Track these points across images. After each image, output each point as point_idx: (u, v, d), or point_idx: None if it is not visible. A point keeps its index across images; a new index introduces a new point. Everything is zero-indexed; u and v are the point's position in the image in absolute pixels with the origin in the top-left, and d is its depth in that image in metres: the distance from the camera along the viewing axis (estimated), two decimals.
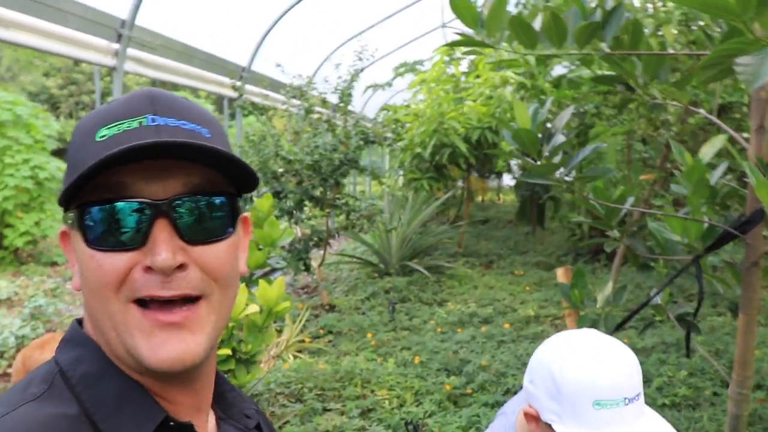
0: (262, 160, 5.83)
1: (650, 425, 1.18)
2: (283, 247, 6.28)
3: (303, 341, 5.40)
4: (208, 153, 0.70)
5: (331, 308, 6.44)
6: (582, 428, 1.15)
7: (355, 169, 6.54)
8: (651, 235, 2.49)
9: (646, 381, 3.95)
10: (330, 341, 5.52)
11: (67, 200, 0.72)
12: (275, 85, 7.41)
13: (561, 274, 3.05)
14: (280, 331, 5.45)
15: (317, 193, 6.14)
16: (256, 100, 7.00)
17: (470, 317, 5.79)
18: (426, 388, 4.14)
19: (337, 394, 4.13)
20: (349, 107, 6.72)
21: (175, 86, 6.64)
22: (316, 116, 6.53)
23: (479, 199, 9.97)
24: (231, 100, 6.97)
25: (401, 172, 8.86)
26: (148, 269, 0.69)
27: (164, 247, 0.68)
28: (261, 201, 3.76)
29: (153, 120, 0.72)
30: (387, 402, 3.96)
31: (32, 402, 0.70)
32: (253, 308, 3.33)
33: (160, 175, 0.70)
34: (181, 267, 0.69)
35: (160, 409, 0.74)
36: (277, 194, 5.86)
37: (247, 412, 0.90)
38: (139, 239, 0.69)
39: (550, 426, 1.19)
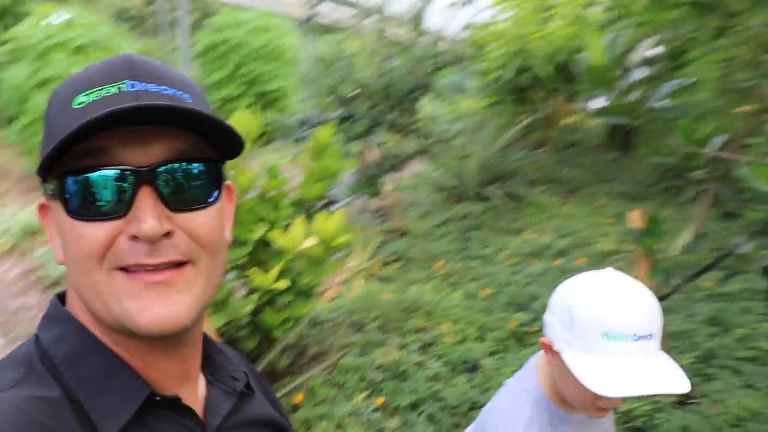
0: (333, 84, 5.69)
1: (658, 364, 1.19)
2: (356, 172, 6.22)
3: (372, 267, 5.39)
4: (190, 117, 0.68)
5: (403, 233, 6.37)
6: (588, 356, 1.20)
7: (431, 92, 6.30)
8: (740, 180, 2.23)
9: (725, 329, 3.70)
10: (400, 268, 5.48)
11: (45, 171, 0.71)
12: (350, 5, 7.16)
13: (634, 218, 2.82)
14: (349, 255, 5.46)
15: (391, 117, 5.97)
16: (330, 20, 6.79)
17: (545, 249, 5.58)
18: (490, 323, 4.04)
19: (400, 325, 4.10)
20: (427, 27, 6.42)
21: (246, 8, 6.51)
22: (390, 37, 6.27)
23: (565, 122, 9.48)
24: (304, 20, 6.79)
25: (482, 95, 8.51)
26: (134, 238, 0.68)
27: (150, 214, 0.67)
28: (322, 131, 3.65)
29: (132, 85, 0.70)
30: (449, 336, 3.90)
31: (10, 389, 0.69)
32: (312, 241, 3.29)
33: (142, 141, 0.69)
34: (167, 234, 0.69)
35: (145, 385, 0.74)
36: (348, 118, 5.73)
37: (234, 374, 0.90)
38: (123, 207, 0.68)
39: (561, 354, 1.27)
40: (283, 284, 3.24)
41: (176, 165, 0.70)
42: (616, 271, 1.31)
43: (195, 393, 0.84)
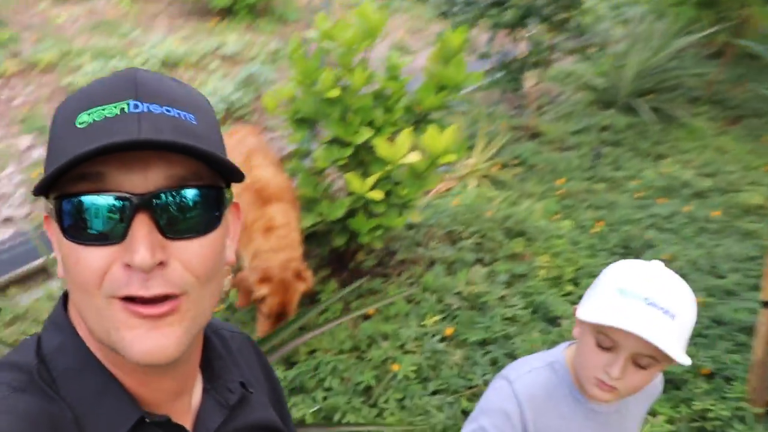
0: None
1: (663, 327, 1.17)
2: (497, 66, 5.82)
3: (490, 168, 5.17)
4: (189, 149, 0.67)
5: (534, 135, 6.01)
6: (597, 310, 1.21)
7: None
8: None
9: None
10: (518, 174, 5.22)
11: (45, 189, 0.70)
12: None
13: None
14: (472, 148, 5.26)
15: (548, 9, 5.41)
16: None
17: (681, 187, 5.06)
18: (590, 267, 3.79)
19: (496, 247, 3.96)
20: None
21: None
22: None
23: (760, 30, 8.23)
24: None
25: None
26: (128, 266, 0.68)
27: (143, 244, 0.66)
28: (452, 35, 3.35)
29: (135, 106, 0.68)
30: (542, 271, 3.72)
31: (21, 393, 0.72)
32: (414, 157, 3.14)
33: (141, 167, 0.68)
34: (161, 264, 0.68)
35: (135, 408, 0.76)
36: (499, 4, 5.25)
37: (230, 386, 0.91)
38: (119, 234, 0.68)
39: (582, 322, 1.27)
40: (378, 195, 3.16)
41: (174, 192, 0.69)
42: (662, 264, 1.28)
43: (188, 405, 0.87)
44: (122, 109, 0.68)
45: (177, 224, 0.70)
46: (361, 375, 2.83)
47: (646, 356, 1.21)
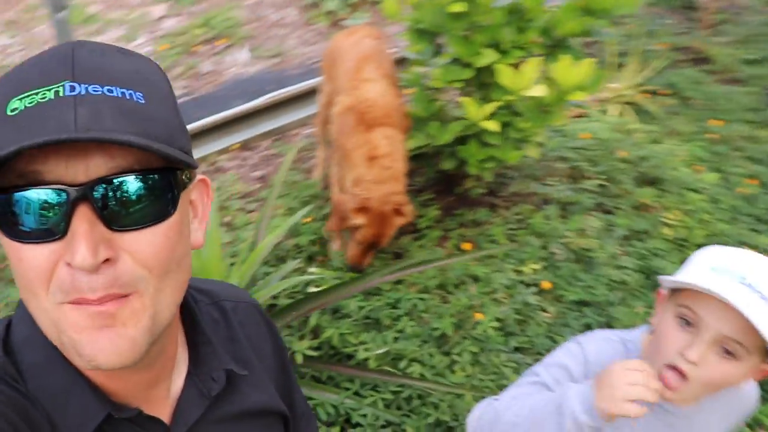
0: None
1: (759, 309, 1.00)
2: None
3: (636, 95, 4.60)
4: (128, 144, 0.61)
5: (699, 60, 5.27)
6: (685, 279, 1.09)
7: None
8: None
9: None
10: (668, 107, 4.62)
11: None
12: None
13: None
14: (620, 67, 4.70)
15: None
16: None
17: None
18: (724, 235, 3.32)
19: (621, 194, 3.56)
20: None
21: None
22: None
23: None
24: None
25: None
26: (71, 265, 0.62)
27: (84, 242, 0.61)
28: None
29: (72, 88, 0.62)
30: (667, 230, 3.32)
31: None
32: (541, 91, 2.79)
33: (81, 156, 0.62)
34: (108, 261, 0.63)
35: (102, 405, 0.73)
36: None
37: (214, 374, 0.86)
38: (61, 229, 0.62)
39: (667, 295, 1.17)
40: (494, 126, 2.87)
41: (117, 180, 0.63)
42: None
43: (167, 392, 0.83)
44: (57, 93, 0.61)
45: (122, 215, 0.64)
46: (439, 320, 2.69)
47: (734, 341, 1.04)
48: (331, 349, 2.54)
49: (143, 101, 0.65)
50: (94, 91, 0.62)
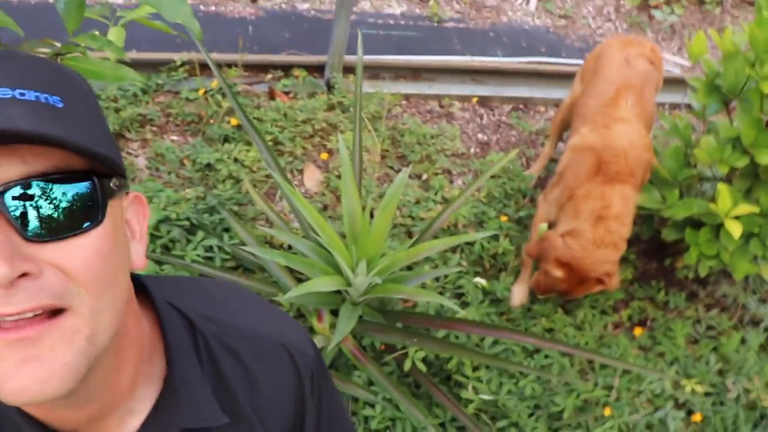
0: None
1: None
2: None
3: None
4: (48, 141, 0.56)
5: None
6: None
7: None
8: None
9: None
10: None
11: None
12: None
13: None
14: None
15: None
16: None
17: None
18: None
19: None
20: None
21: None
22: None
23: None
24: None
25: None
26: None
27: None
28: None
29: None
30: None
31: None
32: None
33: None
34: (27, 276, 0.56)
35: None
36: None
37: (191, 425, 0.76)
38: None
39: None
40: (736, 230, 2.44)
41: (35, 184, 0.56)
42: None
43: (119, 426, 0.74)
44: None
45: (43, 223, 0.57)
46: (565, 397, 2.47)
47: None
48: (442, 367, 2.45)
49: (61, 104, 0.59)
50: (5, 94, 0.56)
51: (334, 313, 2.30)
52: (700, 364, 2.75)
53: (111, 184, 0.63)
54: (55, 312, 0.58)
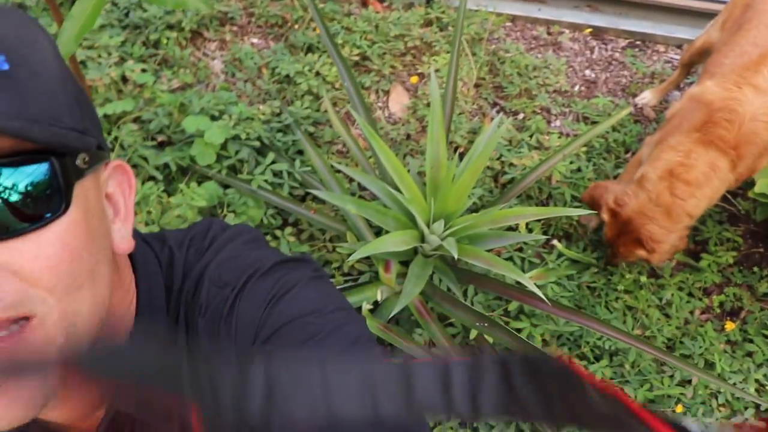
0: None
1: None
2: None
3: None
4: None
5: None
6: None
7: None
8: None
9: None
10: None
11: None
12: None
13: None
14: None
15: None
16: None
17: None
18: None
19: None
20: None
21: None
22: None
23: None
24: None
25: None
26: None
27: None
28: None
29: None
30: None
31: None
32: None
33: None
34: None
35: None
36: None
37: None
38: None
39: None
40: None
41: None
42: None
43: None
44: None
45: None
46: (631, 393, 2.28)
47: None
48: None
49: (7, 66, 0.47)
50: None
51: (404, 263, 2.14)
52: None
53: (78, 162, 0.52)
54: (16, 320, 0.48)
